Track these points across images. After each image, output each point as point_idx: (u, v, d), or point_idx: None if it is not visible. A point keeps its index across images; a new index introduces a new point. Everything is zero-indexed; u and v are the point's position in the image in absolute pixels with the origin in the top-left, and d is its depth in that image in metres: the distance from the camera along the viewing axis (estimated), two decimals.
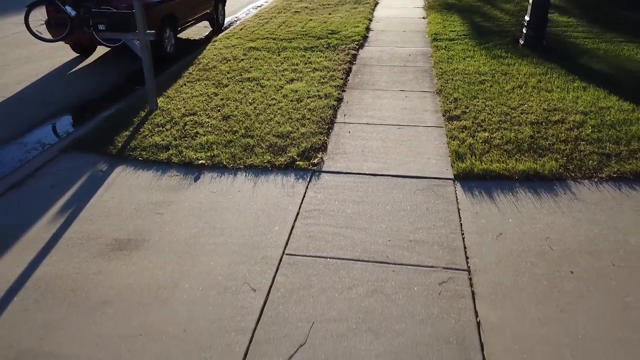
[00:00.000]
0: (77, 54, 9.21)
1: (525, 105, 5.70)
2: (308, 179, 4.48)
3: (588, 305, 2.97)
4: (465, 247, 3.51)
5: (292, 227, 3.82)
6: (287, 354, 2.71)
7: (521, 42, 8.16)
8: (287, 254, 3.51)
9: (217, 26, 11.00)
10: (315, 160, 4.75)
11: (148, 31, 5.95)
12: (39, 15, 8.22)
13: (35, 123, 6.43)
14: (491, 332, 2.82)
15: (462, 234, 3.65)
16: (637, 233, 3.55)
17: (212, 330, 2.90)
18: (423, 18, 10.76)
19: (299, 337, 2.82)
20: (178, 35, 9.47)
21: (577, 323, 2.85)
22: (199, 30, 11.16)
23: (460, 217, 3.84)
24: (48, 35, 8.23)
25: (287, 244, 3.62)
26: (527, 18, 8.01)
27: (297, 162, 4.72)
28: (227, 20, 11.96)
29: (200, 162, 4.87)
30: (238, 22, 11.45)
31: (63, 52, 9.25)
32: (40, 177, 4.84)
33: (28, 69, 8.39)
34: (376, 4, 12.60)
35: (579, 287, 3.10)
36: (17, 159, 5.52)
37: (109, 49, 9.41)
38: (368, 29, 9.88)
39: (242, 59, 8.02)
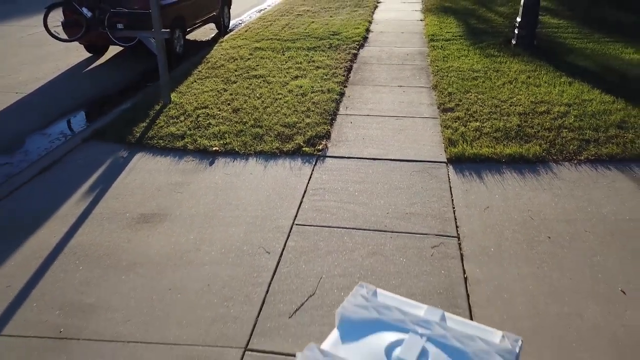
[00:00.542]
0: (90, 54, 9.65)
1: (515, 98, 6.13)
2: (314, 163, 4.91)
3: (561, 263, 3.39)
4: (455, 218, 3.93)
5: (300, 202, 4.24)
6: (299, 302, 3.13)
7: (513, 42, 8.61)
8: (296, 224, 3.93)
9: (223, 28, 11.44)
10: (320, 147, 5.18)
11: (163, 30, 6.39)
12: (56, 17, 8.67)
13: (56, 117, 6.86)
14: (476, 285, 3.23)
15: (453, 208, 4.07)
16: (609, 205, 3.98)
17: (232, 284, 3.32)
18: (420, 20, 11.21)
19: (309, 289, 3.23)
20: (186, 37, 9.90)
21: (551, 278, 3.27)
22: (206, 32, 11.60)
23: (451, 194, 4.27)
24: (64, 36, 8.68)
25: (296, 216, 4.04)
26: (518, 19, 8.46)
27: (304, 148, 5.15)
28: (232, 22, 12.40)
29: (214, 148, 5.29)
30: (242, 24, 11.90)
31: (77, 53, 9.68)
32: (66, 163, 5.26)
33: (45, 68, 8.82)
34: (375, 7, 13.06)
35: (554, 249, 3.52)
36: (42, 148, 5.95)
37: (121, 49, 9.86)
38: (368, 31, 10.32)
39: (249, 58, 8.45)
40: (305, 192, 4.40)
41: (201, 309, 3.13)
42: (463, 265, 3.40)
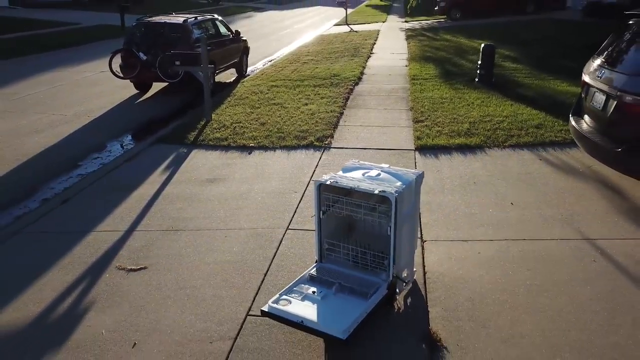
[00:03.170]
0: (137, 91, 11.93)
1: (469, 114, 8.32)
2: (322, 151, 7.02)
3: (479, 194, 5.43)
4: None
5: (314, 170, 6.32)
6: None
7: (476, 79, 10.90)
8: (312, 180, 5.99)
9: (242, 72, 13.84)
10: (326, 142, 7.30)
11: (209, 65, 8.67)
12: (116, 60, 11.01)
13: (123, 131, 9.03)
14: (427, 204, 5.26)
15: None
16: (517, 167, 6.06)
17: (275, 206, 5.35)
18: (405, 66, 13.61)
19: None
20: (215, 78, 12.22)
21: (470, 199, 5.30)
22: (227, 76, 13.96)
23: (415, 165, 6.35)
24: (121, 74, 11.00)
25: (312, 176, 6.10)
26: (479, 62, 10.80)
27: (315, 143, 7.28)
28: (249, 69, 14.80)
29: (250, 144, 7.41)
30: (258, 70, 14.31)
31: (126, 90, 11.95)
32: (142, 156, 7.34)
33: (104, 100, 11.07)
34: (369, 57, 15.51)
35: (476, 188, 5.58)
36: (120, 149, 8.07)
37: (161, 88, 12.16)
38: (362, 73, 12.68)
39: (267, 92, 10.71)
40: (317, 165, 6.49)
41: (257, 214, 5.16)
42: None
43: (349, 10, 30.25)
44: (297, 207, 5.32)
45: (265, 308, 3.30)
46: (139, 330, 3.54)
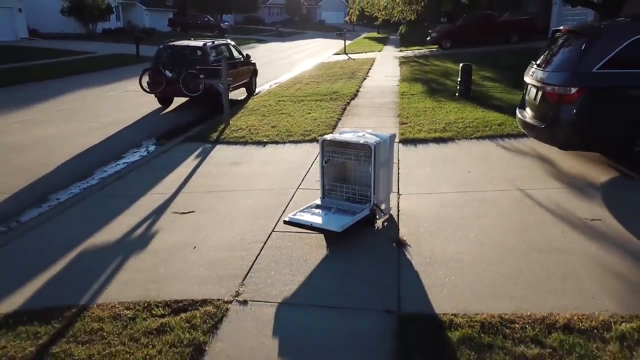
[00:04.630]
0: (161, 105, 13.60)
1: (446, 118, 9.95)
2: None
3: (447, 168, 6.99)
4: (398, 159, 7.56)
5: (316, 157, 7.89)
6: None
7: (457, 94, 12.59)
8: (315, 162, 7.56)
9: (252, 91, 15.56)
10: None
11: (228, 78, 10.35)
12: (145, 78, 12.72)
13: (154, 134, 10.64)
14: (405, 175, 6.81)
15: (398, 155, 7.72)
16: (478, 150, 7.64)
17: (288, 176, 6.90)
18: (396, 85, 15.34)
19: None
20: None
21: (439, 171, 6.86)
22: (237, 95, 15.66)
23: (398, 153, 7.93)
24: (149, 90, 12.69)
25: (314, 160, 7.67)
26: (459, 79, 12.51)
27: (317, 138, 8.84)
28: (256, 90, 16.53)
29: (264, 140, 9.00)
30: (265, 90, 16.03)
31: (150, 105, 13.61)
32: (175, 150, 8.93)
33: (133, 112, 12.72)
34: (365, 79, 17.28)
35: (444, 164, 7.15)
36: (154, 146, 9.66)
37: (181, 103, 13.83)
38: (358, 91, 14.38)
39: (275, 105, 12.38)
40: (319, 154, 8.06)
41: (274, 181, 6.71)
42: (399, 170, 6.99)
43: (348, 42, 32.36)
44: (304, 177, 6.88)
45: (286, 219, 4.84)
46: (196, 242, 5.06)
